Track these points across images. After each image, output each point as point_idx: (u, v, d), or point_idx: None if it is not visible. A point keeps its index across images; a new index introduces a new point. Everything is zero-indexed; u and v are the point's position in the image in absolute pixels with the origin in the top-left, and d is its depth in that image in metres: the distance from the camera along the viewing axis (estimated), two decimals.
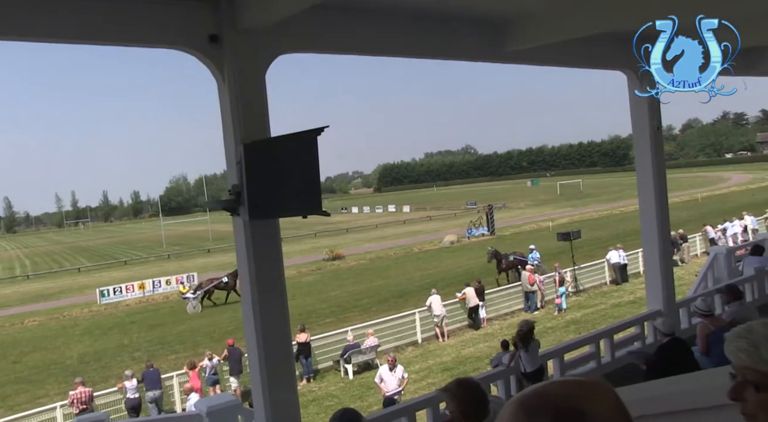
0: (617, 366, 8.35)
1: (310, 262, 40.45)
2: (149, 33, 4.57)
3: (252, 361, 5.06)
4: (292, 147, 4.10)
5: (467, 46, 6.49)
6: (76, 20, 4.21)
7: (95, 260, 60.34)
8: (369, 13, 5.43)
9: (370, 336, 17.54)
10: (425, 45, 6.09)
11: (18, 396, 18.40)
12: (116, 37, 4.50)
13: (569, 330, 18.46)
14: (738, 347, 1.30)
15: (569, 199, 76.61)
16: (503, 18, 6.39)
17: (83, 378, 15.27)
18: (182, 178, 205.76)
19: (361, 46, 5.73)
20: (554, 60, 7.72)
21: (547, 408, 1.01)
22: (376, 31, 5.60)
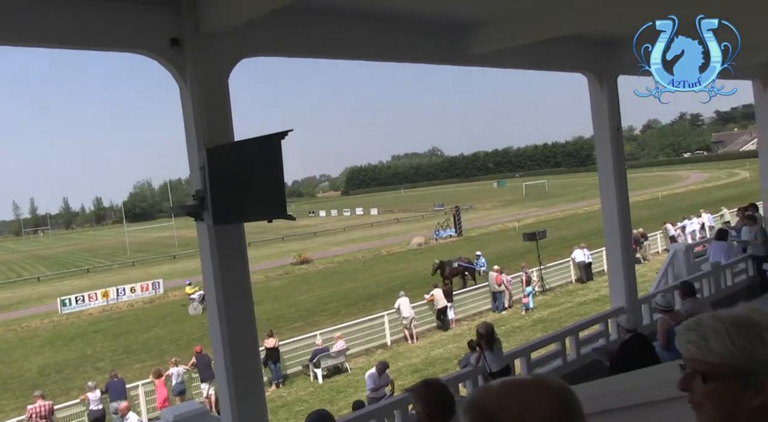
0: (582, 363, 8.50)
1: (277, 267, 40.15)
2: (109, 37, 4.50)
3: (219, 368, 5.01)
4: (256, 151, 4.08)
5: (431, 49, 6.55)
6: (34, 24, 4.13)
7: (56, 269, 58.77)
8: (332, 17, 5.44)
9: (339, 339, 17.50)
10: (389, 48, 6.13)
11: None
12: (76, 40, 4.43)
13: (536, 329, 18.70)
14: (687, 339, 1.34)
15: (535, 200, 77.66)
16: (466, 21, 6.46)
17: (43, 392, 14.87)
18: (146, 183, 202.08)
19: (324, 49, 5.73)
20: (517, 62, 7.85)
21: (470, 409, 1.21)
22: (339, 35, 5.61)
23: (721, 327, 1.29)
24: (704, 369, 1.29)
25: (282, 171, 3.96)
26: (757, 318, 1.29)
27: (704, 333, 1.31)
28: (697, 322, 1.34)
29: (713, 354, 1.28)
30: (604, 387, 3.82)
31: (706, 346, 1.29)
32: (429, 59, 7.08)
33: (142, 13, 4.55)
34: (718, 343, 1.28)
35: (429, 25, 6.32)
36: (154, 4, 4.57)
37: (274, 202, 3.98)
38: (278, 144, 3.90)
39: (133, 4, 4.48)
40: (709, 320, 1.32)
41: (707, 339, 1.30)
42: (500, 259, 29.18)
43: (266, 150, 3.97)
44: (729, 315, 1.32)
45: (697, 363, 1.31)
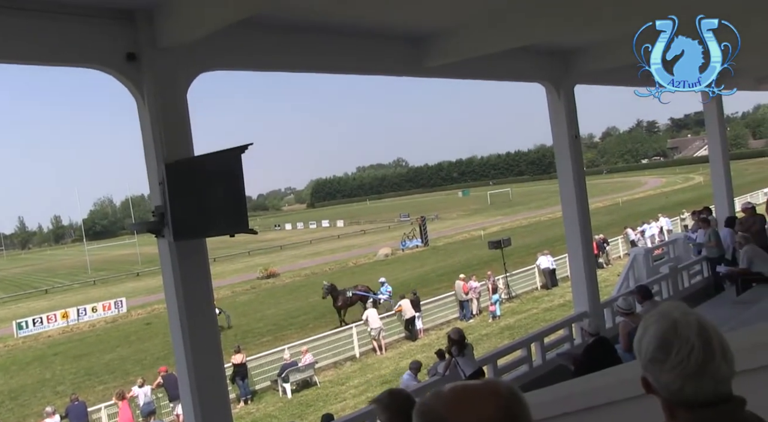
0: (548, 368, 8.61)
1: (244, 281, 39.70)
2: (65, 52, 4.43)
3: (183, 386, 4.93)
4: (217, 165, 4.06)
5: (388, 61, 6.62)
6: None
7: (11, 290, 56.82)
8: (290, 30, 5.46)
9: (306, 353, 17.36)
10: (348, 61, 6.18)
11: None
12: (30, 55, 4.35)
13: (504, 336, 18.86)
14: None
15: (499, 208, 78.55)
16: (422, 33, 6.55)
17: None
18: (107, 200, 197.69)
19: (283, 62, 5.74)
20: (475, 73, 7.97)
21: (421, 412, 1.29)
22: (298, 48, 5.63)
23: (649, 326, 1.47)
24: None
25: (243, 185, 3.94)
26: (653, 326, 1.44)
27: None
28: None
29: None
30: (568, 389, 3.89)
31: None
32: (386, 71, 7.15)
33: (97, 27, 4.49)
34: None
35: (385, 38, 6.39)
36: (108, 18, 4.52)
37: (236, 216, 3.96)
38: (239, 158, 3.88)
39: (86, 17, 4.42)
40: (655, 315, 1.49)
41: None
42: (467, 268, 29.43)
43: (227, 164, 3.95)
44: (660, 314, 1.47)
45: None
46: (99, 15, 4.49)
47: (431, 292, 25.67)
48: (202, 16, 4.41)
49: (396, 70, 7.09)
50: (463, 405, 1.23)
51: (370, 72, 7.15)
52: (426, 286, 28.23)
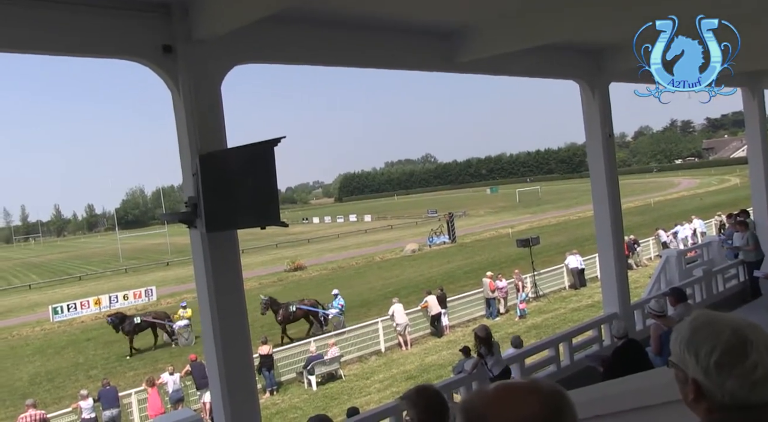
0: (576, 369, 8.51)
1: (271, 273, 40.06)
2: (103, 43, 4.50)
3: (212, 375, 4.99)
4: (249, 158, 4.09)
5: (420, 56, 6.58)
6: (29, 30, 4.12)
7: (47, 276, 58.39)
8: (323, 24, 5.46)
9: (333, 346, 17.45)
10: (379, 55, 6.16)
11: None
12: (69, 47, 4.43)
13: (530, 335, 18.69)
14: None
15: (528, 206, 77.81)
16: (455, 29, 6.50)
17: (35, 400, 14.74)
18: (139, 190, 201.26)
19: (315, 56, 5.75)
20: (507, 70, 7.88)
21: (463, 410, 1.28)
22: (330, 42, 5.63)
23: (684, 332, 1.49)
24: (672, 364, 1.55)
25: (275, 178, 3.97)
26: (715, 334, 1.43)
27: (676, 331, 1.53)
28: (682, 322, 1.53)
29: (672, 348, 1.52)
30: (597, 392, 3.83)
31: (672, 342, 1.53)
32: (417, 66, 7.11)
33: (135, 20, 4.55)
34: (674, 343, 1.50)
35: (418, 33, 6.35)
36: (146, 11, 4.58)
37: (267, 208, 3.98)
38: (271, 151, 3.91)
39: (125, 11, 4.48)
40: (687, 322, 1.51)
41: (674, 335, 1.53)
42: (494, 265, 29.26)
43: (259, 157, 3.98)
44: (702, 320, 1.49)
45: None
46: (137, 8, 4.55)
47: (457, 289, 25.58)
48: (236, 9, 4.44)
49: (427, 65, 7.05)
50: (505, 402, 1.23)
51: (401, 67, 7.12)
52: (452, 283, 28.12)
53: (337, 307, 21.87)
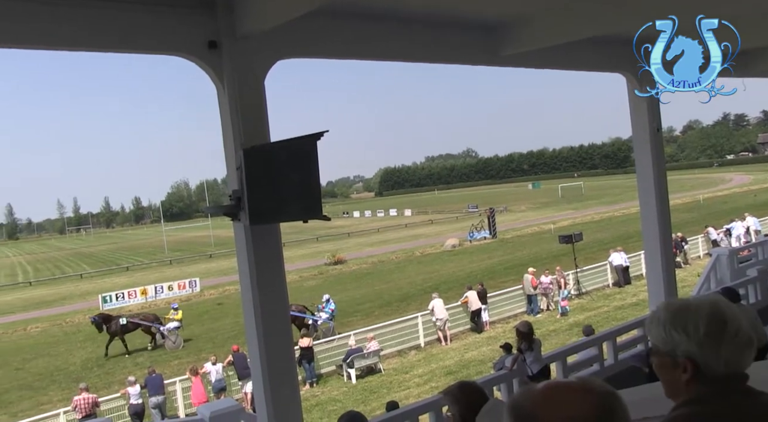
0: (620, 368, 8.33)
1: (312, 267, 40.45)
2: (149, 40, 4.59)
3: (254, 366, 5.06)
4: (292, 152, 4.11)
5: (464, 49, 6.50)
6: (76, 27, 4.23)
7: (97, 266, 60.35)
8: (366, 18, 5.45)
9: (372, 340, 17.53)
10: (422, 49, 6.11)
11: (21, 402, 18.43)
12: (116, 43, 4.52)
13: (572, 333, 18.42)
14: (645, 323, 1.70)
15: (570, 202, 76.55)
16: (500, 21, 6.39)
17: (87, 384, 15.29)
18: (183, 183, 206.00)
19: (358, 50, 5.74)
20: (552, 63, 7.72)
21: (512, 408, 1.27)
22: (371, 36, 5.61)
23: (663, 316, 1.57)
24: (650, 348, 1.65)
25: (317, 172, 3.98)
26: (696, 310, 1.53)
27: (652, 319, 1.60)
28: (655, 310, 1.63)
29: (653, 337, 1.60)
30: (647, 392, 3.73)
31: (651, 330, 1.60)
32: (460, 60, 7.02)
33: (181, 16, 4.62)
34: (656, 329, 1.58)
35: (461, 26, 6.27)
36: (191, 7, 4.65)
37: (310, 202, 4.01)
38: (314, 144, 3.92)
39: (172, 8, 4.56)
40: (661, 308, 1.61)
41: (652, 324, 1.60)
42: (535, 261, 28.87)
43: (302, 151, 4.00)
44: (677, 305, 1.58)
45: (651, 343, 1.64)
46: (184, 5, 4.62)
47: (498, 285, 25.39)
48: (280, 5, 4.46)
49: (470, 59, 6.96)
50: (556, 402, 1.21)
51: (444, 61, 7.04)
52: (493, 279, 27.93)
53: (327, 313, 21.12)
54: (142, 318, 23.51)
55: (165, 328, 22.92)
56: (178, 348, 22.69)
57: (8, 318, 34.60)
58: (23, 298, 43.04)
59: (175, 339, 22.95)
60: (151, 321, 23.22)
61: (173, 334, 22.99)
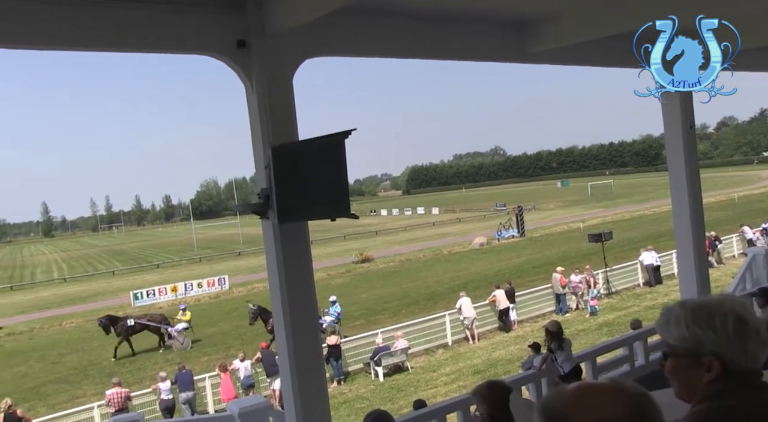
0: (651, 369, 8.19)
1: (339, 265, 40.61)
2: (178, 40, 4.63)
3: (283, 363, 5.09)
4: (321, 150, 4.12)
5: (491, 46, 6.44)
6: (104, 28, 4.29)
7: (129, 263, 61.48)
8: (393, 16, 5.44)
9: (399, 338, 17.53)
10: (450, 46, 6.07)
11: (58, 395, 18.92)
12: (145, 44, 4.58)
13: (602, 333, 18.19)
14: (658, 322, 1.60)
15: (600, 200, 75.52)
16: (528, 18, 6.32)
17: (119, 379, 15.59)
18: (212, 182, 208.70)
19: (385, 48, 5.72)
20: (581, 60, 7.60)
21: (544, 409, 1.26)
22: (400, 34, 5.59)
23: (682, 314, 1.52)
24: (666, 349, 1.58)
25: (345, 170, 3.99)
26: (717, 307, 1.50)
27: (669, 318, 1.55)
28: (669, 309, 1.58)
29: (672, 337, 1.54)
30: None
31: (668, 330, 1.55)
32: (489, 57, 6.96)
33: (210, 16, 4.66)
34: (676, 328, 1.52)
35: (488, 23, 6.21)
36: (220, 6, 4.69)
37: (338, 200, 4.01)
38: (342, 143, 3.92)
39: (201, 7, 4.60)
40: (677, 307, 1.57)
41: (669, 323, 1.55)
42: (564, 260, 28.56)
43: (330, 149, 4.00)
44: (694, 303, 1.55)
45: (663, 344, 1.60)
46: (213, 4, 4.66)
47: (526, 284, 25.18)
48: (309, 3, 4.47)
49: (498, 56, 6.89)
50: (588, 403, 1.20)
51: (472, 58, 6.97)
52: (521, 277, 27.70)
53: (333, 315, 20.63)
54: (149, 319, 23.32)
55: (173, 329, 22.85)
56: (185, 348, 22.60)
57: (44, 313, 35.50)
58: (58, 294, 44.09)
59: (182, 340, 22.85)
60: (158, 321, 23.05)
61: (181, 335, 22.88)
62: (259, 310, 20.64)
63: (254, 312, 20.75)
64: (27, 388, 20.06)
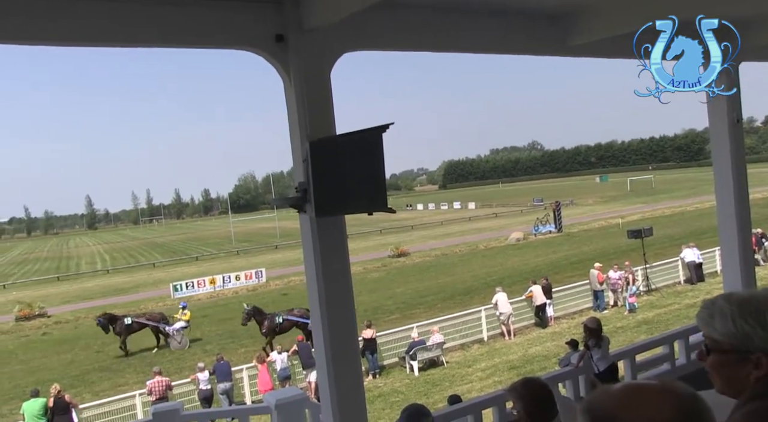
0: (693, 369, 8.00)
1: (375, 259, 40.72)
2: (217, 35, 4.69)
3: (319, 356, 5.13)
4: (358, 144, 4.13)
5: (531, 40, 6.35)
6: (145, 24, 4.37)
7: (168, 256, 62.80)
8: (431, 9, 5.40)
9: (435, 332, 17.50)
10: (489, 40, 6.01)
11: (102, 383, 19.52)
12: (185, 40, 4.65)
13: (641, 331, 17.86)
14: (700, 316, 1.54)
15: (640, 196, 73.96)
16: (567, 10, 6.21)
17: (160, 368, 15.96)
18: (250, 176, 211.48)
19: (423, 42, 5.69)
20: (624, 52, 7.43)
21: (589, 410, 1.21)
22: (438, 27, 5.56)
23: (727, 308, 1.46)
24: (709, 344, 1.51)
25: (383, 164, 3.99)
26: (765, 301, 1.44)
27: (713, 312, 1.49)
28: (712, 302, 1.53)
29: (717, 332, 1.48)
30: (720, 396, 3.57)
31: (712, 324, 1.49)
32: (527, 50, 6.85)
33: (248, 11, 4.70)
34: (721, 323, 1.46)
35: (527, 15, 6.12)
36: (258, 1, 4.72)
37: (376, 194, 4.01)
38: (380, 137, 3.92)
39: (239, 3, 4.64)
40: (721, 301, 1.50)
41: (714, 318, 1.48)
42: (602, 256, 28.11)
43: (368, 143, 4.01)
44: (740, 297, 1.49)
45: (706, 338, 1.53)
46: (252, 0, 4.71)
47: (563, 280, 24.85)
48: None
49: (537, 49, 6.77)
50: (637, 404, 1.16)
51: (511, 51, 6.88)
52: (558, 273, 27.35)
53: None
54: (147, 317, 23.17)
55: (171, 328, 22.69)
56: (183, 348, 22.50)
57: (88, 303, 36.55)
58: (102, 285, 45.34)
59: (180, 339, 22.70)
60: (157, 320, 22.88)
61: (179, 334, 22.77)
62: (253, 311, 20.19)
63: (248, 312, 20.22)
64: (73, 375, 20.73)
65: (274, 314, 20.11)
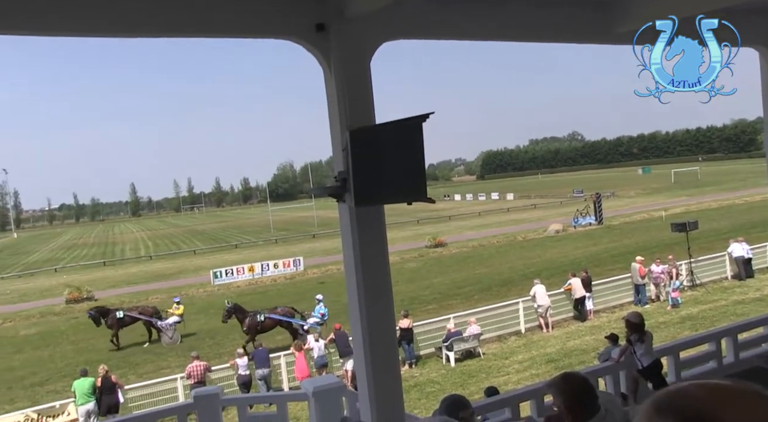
0: (741, 368, 7.76)
1: (412, 249, 40.69)
2: (258, 24, 4.70)
3: (357, 345, 5.15)
4: (398, 133, 4.09)
5: (574, 27, 6.20)
6: (186, 14, 4.40)
7: (209, 243, 64.00)
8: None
9: (473, 323, 17.41)
10: (530, 28, 5.89)
11: (145, 365, 20.08)
12: (225, 28, 4.68)
13: (684, 327, 17.43)
14: None
15: (685, 188, 72.02)
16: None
17: (198, 353, 16.31)
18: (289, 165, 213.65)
19: (462, 31, 5.61)
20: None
21: (675, 408, 1.03)
22: (477, 16, 5.47)
23: None
24: None
25: (423, 154, 3.95)
26: None
27: None
28: None
29: None
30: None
31: None
32: (570, 38, 6.70)
33: (290, 1, 4.71)
34: None
35: (570, 4, 5.98)
36: None
37: (415, 184, 3.98)
38: (419, 126, 3.88)
39: None
40: None
41: None
42: (644, 250, 27.46)
43: (407, 132, 3.97)
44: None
45: None
46: None
47: (604, 273, 24.42)
48: None
49: (580, 37, 6.62)
50: (729, 402, 1.05)
51: (553, 40, 6.74)
52: (598, 266, 26.86)
53: (317, 316, 19.73)
54: (140, 311, 23.04)
55: (162, 323, 22.52)
56: (175, 343, 22.27)
57: (133, 288, 37.58)
58: (145, 271, 46.48)
59: (172, 334, 22.47)
60: (149, 315, 22.72)
61: (170, 329, 22.55)
62: (234, 308, 20.04)
63: (229, 310, 19.98)
64: (119, 357, 21.37)
65: (256, 312, 19.99)
